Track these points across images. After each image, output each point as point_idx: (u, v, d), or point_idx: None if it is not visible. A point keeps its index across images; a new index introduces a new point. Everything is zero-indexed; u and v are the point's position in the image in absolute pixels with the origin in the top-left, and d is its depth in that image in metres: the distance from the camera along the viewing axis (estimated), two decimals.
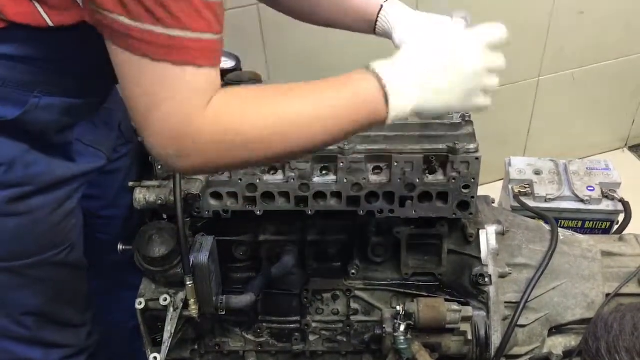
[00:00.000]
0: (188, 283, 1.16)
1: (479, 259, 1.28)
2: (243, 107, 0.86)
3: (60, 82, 1.00)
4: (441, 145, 1.21)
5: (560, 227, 1.45)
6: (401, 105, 0.88)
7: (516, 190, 1.87)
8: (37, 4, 0.88)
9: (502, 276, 1.29)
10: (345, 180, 1.22)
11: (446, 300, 1.27)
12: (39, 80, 0.97)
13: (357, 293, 1.36)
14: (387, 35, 1.15)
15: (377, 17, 1.14)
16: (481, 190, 1.33)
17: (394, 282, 1.35)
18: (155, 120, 0.82)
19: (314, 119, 0.87)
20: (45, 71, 0.97)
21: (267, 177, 1.23)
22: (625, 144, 2.68)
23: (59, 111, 1.03)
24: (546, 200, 1.85)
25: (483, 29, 0.91)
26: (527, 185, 1.88)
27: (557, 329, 1.34)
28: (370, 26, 1.16)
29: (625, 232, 1.69)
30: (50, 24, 0.89)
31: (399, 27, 1.11)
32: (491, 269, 1.27)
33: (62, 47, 0.95)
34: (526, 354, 1.32)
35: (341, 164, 1.21)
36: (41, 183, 1.05)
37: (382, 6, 1.13)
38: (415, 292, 1.33)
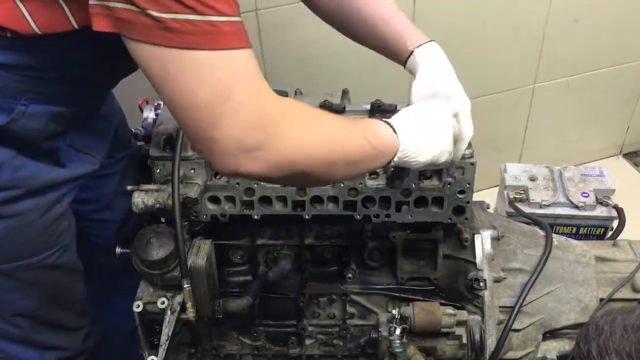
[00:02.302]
0: (185, 286, 1.16)
1: (474, 263, 1.29)
2: (309, 109, 0.94)
3: (48, 91, 0.99)
4: None
5: (555, 233, 1.45)
6: (407, 139, 0.99)
7: (511, 196, 1.88)
8: (19, 4, 0.86)
9: (497, 281, 1.30)
10: (342, 185, 1.23)
11: (441, 304, 1.27)
12: (26, 88, 0.96)
13: (353, 297, 1.37)
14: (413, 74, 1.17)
15: (406, 61, 1.15)
16: (477, 197, 1.34)
17: (389, 286, 1.36)
18: (227, 112, 0.81)
19: (349, 133, 0.95)
20: (32, 79, 0.96)
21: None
22: (620, 151, 2.70)
23: (47, 119, 1.02)
24: (541, 206, 1.86)
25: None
26: (522, 192, 1.90)
27: (551, 334, 1.35)
28: (400, 62, 1.17)
29: (619, 238, 1.70)
30: (36, 29, 0.88)
31: (418, 80, 1.13)
32: (486, 274, 1.28)
33: (50, 55, 0.94)
34: (520, 358, 1.33)
35: None
36: (29, 187, 1.05)
37: (412, 52, 1.13)
38: (410, 297, 1.34)
